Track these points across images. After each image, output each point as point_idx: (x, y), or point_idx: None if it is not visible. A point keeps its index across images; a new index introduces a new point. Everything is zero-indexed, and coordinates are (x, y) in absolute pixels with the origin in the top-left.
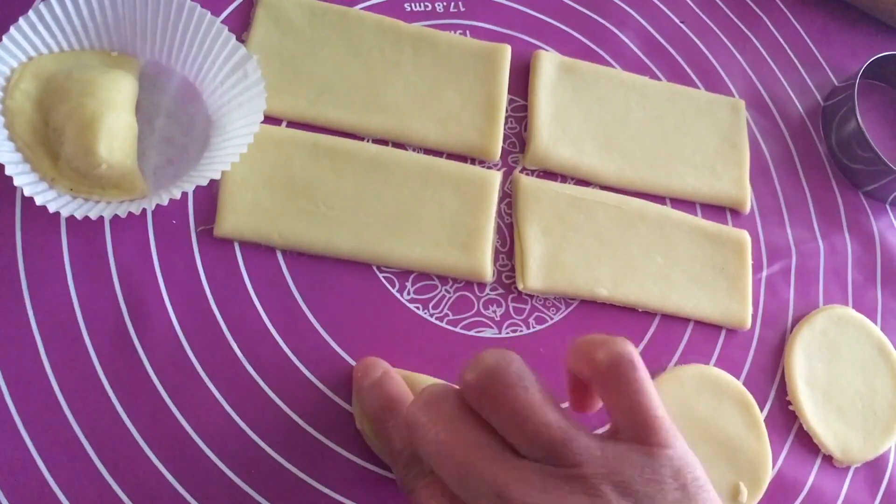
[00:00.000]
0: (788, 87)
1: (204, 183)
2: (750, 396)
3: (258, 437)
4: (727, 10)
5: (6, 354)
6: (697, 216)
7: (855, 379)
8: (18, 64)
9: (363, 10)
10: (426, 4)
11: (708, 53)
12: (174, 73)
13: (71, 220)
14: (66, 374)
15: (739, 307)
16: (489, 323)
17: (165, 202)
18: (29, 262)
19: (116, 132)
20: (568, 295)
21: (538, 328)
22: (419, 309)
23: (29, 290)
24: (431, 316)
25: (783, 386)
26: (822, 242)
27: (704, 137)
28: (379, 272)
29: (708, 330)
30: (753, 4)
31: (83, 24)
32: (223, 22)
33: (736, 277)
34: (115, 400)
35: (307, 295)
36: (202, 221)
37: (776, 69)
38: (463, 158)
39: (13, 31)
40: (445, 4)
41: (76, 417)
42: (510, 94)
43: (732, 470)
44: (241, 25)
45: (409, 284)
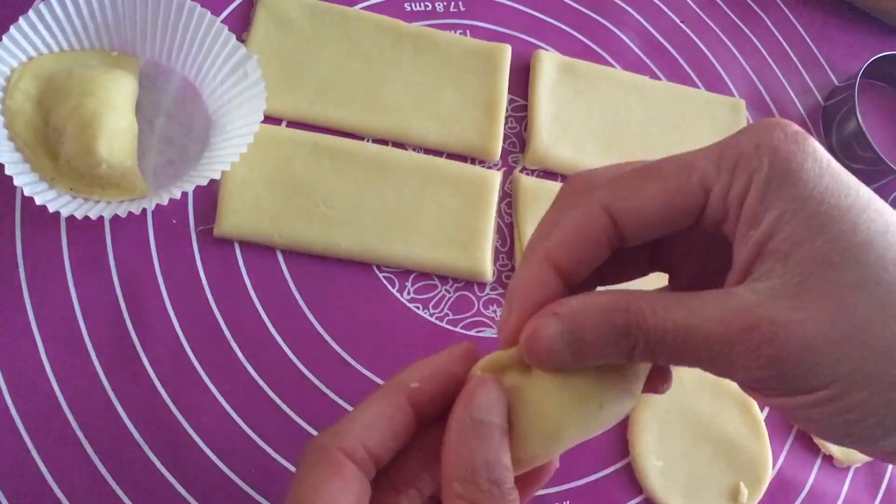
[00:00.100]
0: (788, 87)
1: (204, 183)
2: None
3: (258, 437)
4: (727, 10)
5: (6, 354)
6: None
7: None
8: (18, 64)
9: (363, 10)
10: (426, 4)
11: (708, 53)
12: (174, 73)
13: (71, 220)
14: (66, 374)
15: None
16: (489, 323)
17: (165, 202)
18: (29, 262)
19: (116, 132)
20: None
21: None
22: (419, 309)
23: (29, 290)
24: (431, 316)
25: None
26: None
27: (704, 137)
28: (379, 272)
29: None
30: (753, 4)
31: (83, 24)
32: (223, 22)
33: None
34: (115, 400)
35: (307, 295)
36: (202, 221)
37: (776, 69)
38: (463, 158)
39: (13, 31)
40: (445, 4)
41: (76, 417)
42: (510, 94)
43: (732, 470)
44: (241, 25)
45: (409, 284)
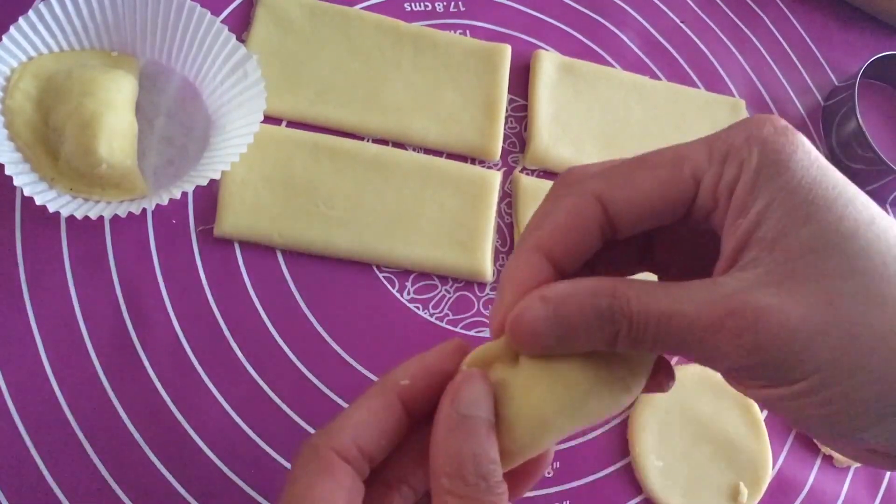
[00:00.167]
0: (788, 87)
1: (204, 183)
2: None
3: (258, 437)
4: (727, 9)
5: (6, 354)
6: None
7: None
8: (18, 64)
9: (363, 10)
10: (426, 4)
11: (708, 53)
12: (174, 73)
13: (71, 220)
14: (66, 374)
15: None
16: (489, 323)
17: (165, 202)
18: (29, 262)
19: (116, 132)
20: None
21: None
22: (419, 309)
23: (29, 290)
24: (431, 316)
25: None
26: None
27: None
28: (379, 272)
29: None
30: (753, 4)
31: (83, 24)
32: (223, 22)
33: None
34: (115, 400)
35: (307, 295)
36: (202, 221)
37: (776, 69)
38: (463, 158)
39: (13, 31)
40: (445, 4)
41: (76, 417)
42: (510, 94)
43: (732, 470)
44: (241, 25)
45: (409, 284)
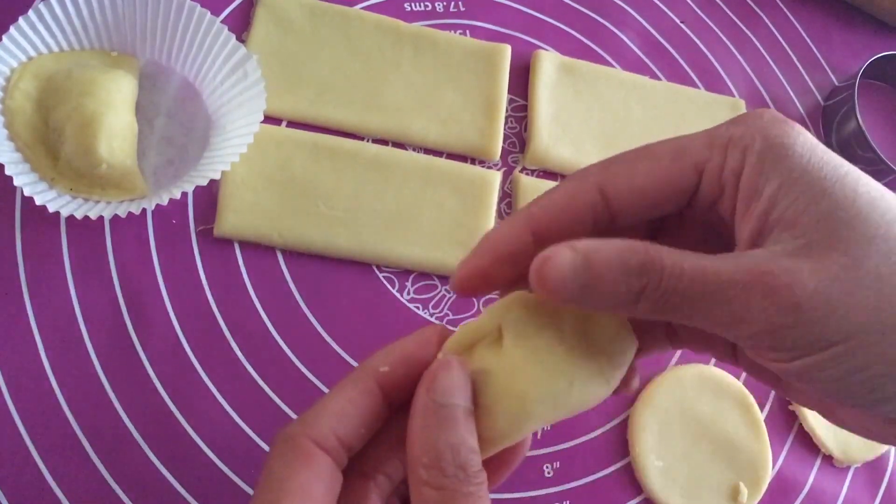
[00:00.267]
0: (788, 87)
1: (204, 183)
2: (750, 396)
3: (258, 436)
4: (727, 10)
5: (6, 354)
6: None
7: None
8: (18, 64)
9: (363, 10)
10: (426, 4)
11: (708, 53)
12: (174, 73)
13: (71, 220)
14: (66, 374)
15: None
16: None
17: (165, 202)
18: (29, 262)
19: (116, 132)
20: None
21: None
22: (419, 309)
23: (29, 290)
24: (431, 316)
25: None
26: None
27: None
28: (379, 272)
29: None
30: (753, 4)
31: (83, 24)
32: (223, 22)
33: None
34: (115, 400)
35: (307, 295)
36: (202, 221)
37: (776, 69)
38: (463, 158)
39: (13, 31)
40: (445, 4)
41: (76, 417)
42: (510, 94)
43: (732, 470)
44: (241, 25)
45: (409, 284)
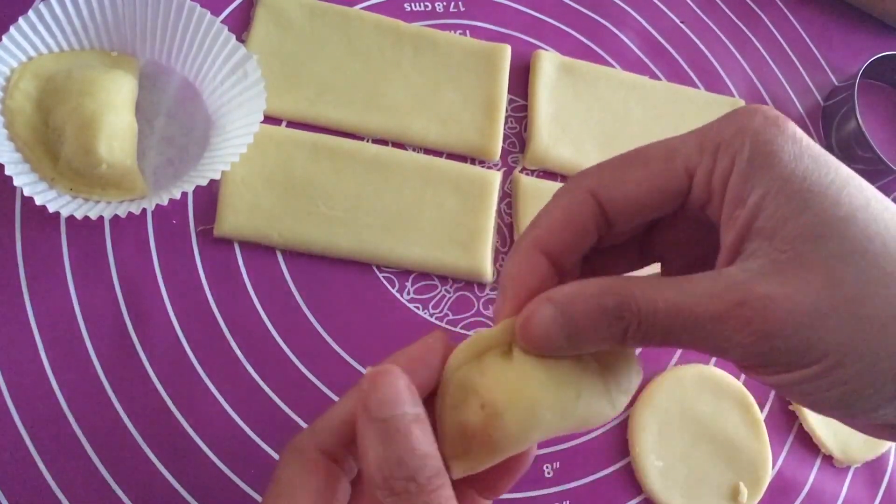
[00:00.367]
0: (788, 87)
1: (204, 183)
2: (750, 396)
3: (258, 436)
4: (727, 10)
5: (6, 354)
6: None
7: None
8: (18, 64)
9: (363, 10)
10: (426, 4)
11: (708, 53)
12: (174, 73)
13: (71, 220)
14: (66, 374)
15: None
16: (489, 323)
17: (165, 202)
18: (29, 262)
19: (116, 132)
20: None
21: None
22: (419, 309)
23: (29, 290)
24: (431, 316)
25: None
26: None
27: None
28: (379, 272)
29: None
30: (753, 4)
31: (83, 24)
32: (223, 22)
33: None
34: (114, 400)
35: (307, 295)
36: (202, 221)
37: (776, 69)
38: (463, 158)
39: (13, 31)
40: (445, 4)
41: (76, 417)
42: (510, 94)
43: (732, 470)
44: (241, 25)
45: (409, 284)
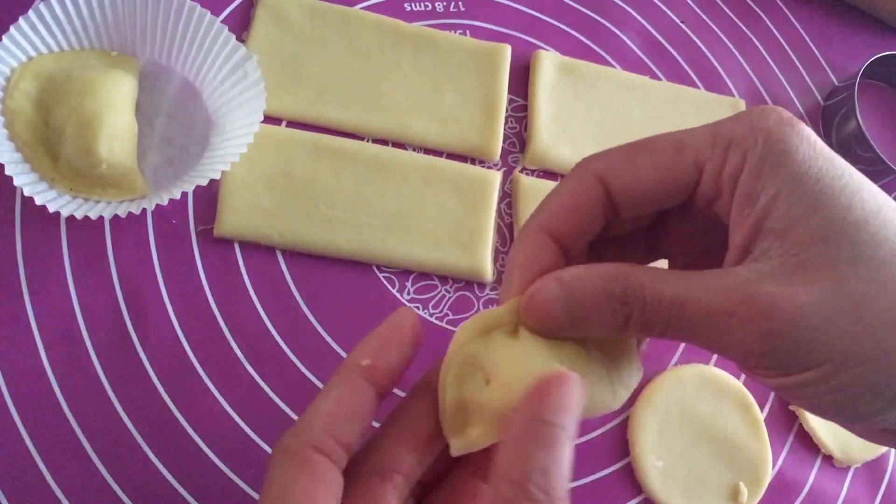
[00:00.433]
0: (788, 87)
1: (204, 183)
2: (750, 396)
3: (258, 436)
4: (727, 10)
5: (6, 354)
6: None
7: None
8: (18, 64)
9: (363, 10)
10: (426, 4)
11: (708, 53)
12: (174, 73)
13: (71, 220)
14: (66, 374)
15: None
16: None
17: (165, 202)
18: (29, 262)
19: (116, 132)
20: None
21: None
22: (419, 309)
23: (29, 290)
24: (431, 316)
25: None
26: None
27: None
28: (379, 272)
29: None
30: (753, 4)
31: (83, 24)
32: (223, 22)
33: None
34: (114, 400)
35: (307, 295)
36: (202, 221)
37: (776, 69)
38: (463, 158)
39: (13, 31)
40: (445, 4)
41: (76, 417)
42: (510, 94)
43: (732, 470)
44: (241, 25)
45: (409, 284)
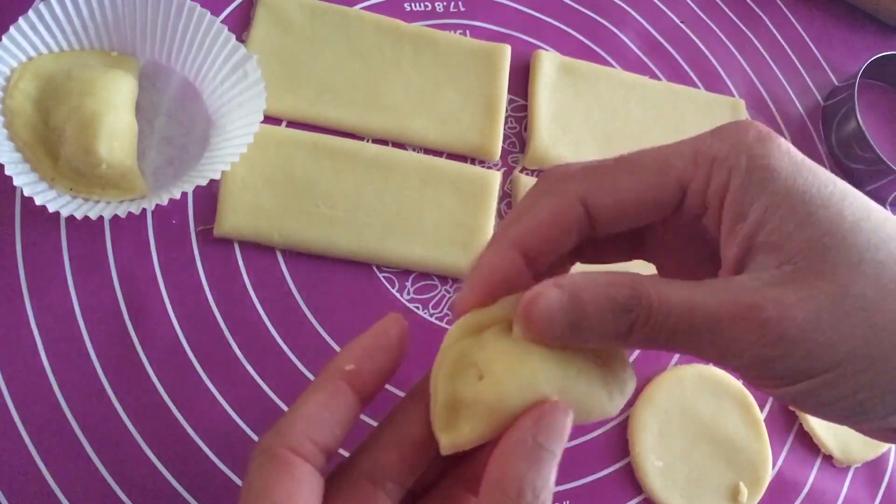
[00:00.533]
0: (788, 87)
1: (204, 183)
2: (750, 396)
3: (258, 437)
4: (727, 10)
5: (6, 354)
6: None
7: None
8: (18, 64)
9: (363, 10)
10: (426, 4)
11: (708, 53)
12: (174, 73)
13: (71, 220)
14: (66, 374)
15: None
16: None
17: (165, 202)
18: (29, 262)
19: (116, 132)
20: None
21: None
22: (419, 309)
23: (29, 290)
24: (431, 316)
25: None
26: None
27: None
28: (379, 272)
29: None
30: (753, 4)
31: (83, 24)
32: (223, 22)
33: None
34: (114, 400)
35: (307, 295)
36: (202, 221)
37: (776, 69)
38: (463, 158)
39: (13, 31)
40: (445, 4)
41: (76, 417)
42: (510, 94)
43: (732, 470)
44: (241, 25)
45: (409, 284)
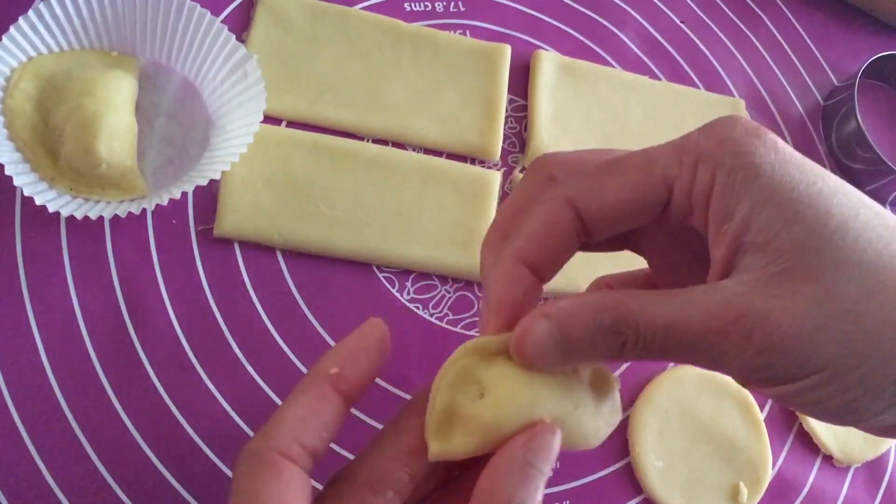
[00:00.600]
0: (788, 87)
1: (204, 183)
2: (750, 396)
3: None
4: (727, 10)
5: (6, 354)
6: None
7: None
8: (18, 64)
9: (363, 10)
10: (426, 4)
11: (708, 53)
12: (174, 73)
13: (71, 220)
14: (66, 374)
15: None
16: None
17: (165, 202)
18: (29, 262)
19: (116, 132)
20: (569, 294)
21: None
22: (419, 309)
23: (29, 290)
24: (431, 316)
25: None
26: None
27: None
28: (379, 272)
29: None
30: (753, 4)
31: (83, 24)
32: (223, 22)
33: None
34: (115, 400)
35: (307, 295)
36: (202, 221)
37: (776, 69)
38: (463, 158)
39: (13, 31)
40: (445, 4)
41: (76, 417)
42: (510, 94)
43: (732, 470)
44: (241, 25)
45: (409, 284)
